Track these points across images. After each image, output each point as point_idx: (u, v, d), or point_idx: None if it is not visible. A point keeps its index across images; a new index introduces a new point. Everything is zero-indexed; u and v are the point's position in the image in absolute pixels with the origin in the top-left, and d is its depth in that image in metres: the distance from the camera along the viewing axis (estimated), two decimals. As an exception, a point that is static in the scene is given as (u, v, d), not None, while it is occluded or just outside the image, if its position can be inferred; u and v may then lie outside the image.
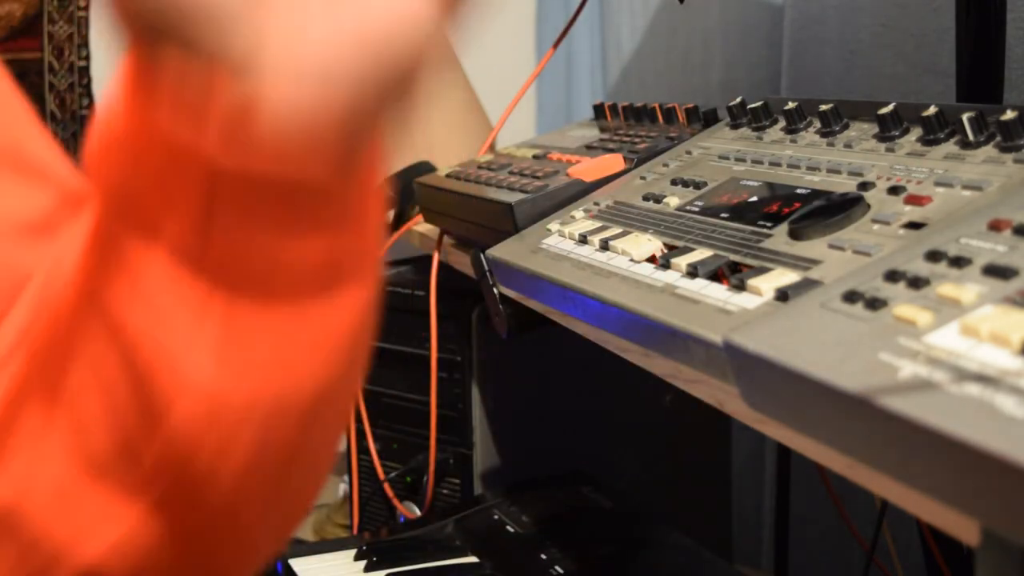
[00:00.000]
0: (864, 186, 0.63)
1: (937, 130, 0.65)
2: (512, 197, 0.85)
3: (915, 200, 0.58)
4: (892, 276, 0.48)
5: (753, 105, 0.82)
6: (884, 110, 0.69)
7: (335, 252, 0.43)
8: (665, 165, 0.83)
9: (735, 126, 0.85)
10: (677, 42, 1.60)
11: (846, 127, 0.74)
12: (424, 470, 1.15)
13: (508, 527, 1.03)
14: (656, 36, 1.66)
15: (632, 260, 0.67)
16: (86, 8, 1.89)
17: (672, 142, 0.89)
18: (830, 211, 0.60)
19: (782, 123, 0.80)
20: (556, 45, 1.08)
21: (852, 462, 0.43)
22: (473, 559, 0.99)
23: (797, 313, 0.50)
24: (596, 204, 0.81)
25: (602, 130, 1.05)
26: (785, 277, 0.55)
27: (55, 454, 0.47)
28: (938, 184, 0.59)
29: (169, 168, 0.41)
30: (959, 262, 0.47)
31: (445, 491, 1.17)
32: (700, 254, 0.63)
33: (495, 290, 0.83)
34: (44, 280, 0.48)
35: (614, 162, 0.88)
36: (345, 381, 0.48)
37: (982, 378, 0.38)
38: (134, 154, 0.41)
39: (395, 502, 1.19)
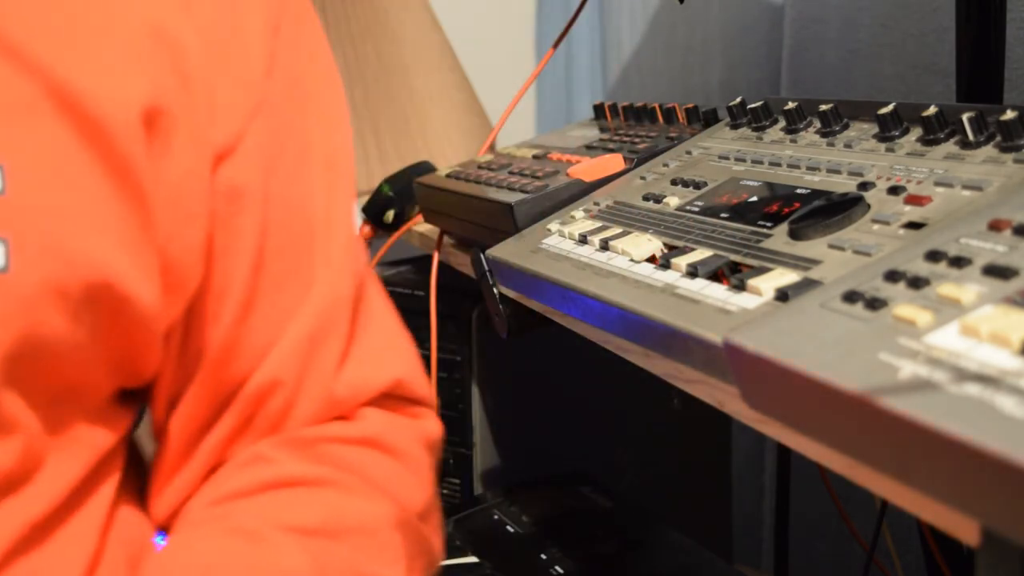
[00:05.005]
0: (864, 186, 0.63)
1: (937, 130, 0.65)
2: (512, 197, 0.85)
3: (915, 200, 0.58)
4: (892, 276, 0.48)
5: (753, 105, 0.82)
6: (884, 110, 0.69)
7: None
8: (665, 165, 0.83)
9: (735, 126, 0.85)
10: (677, 42, 1.60)
11: (846, 127, 0.74)
12: (424, 470, 1.15)
13: (508, 527, 1.03)
14: (656, 36, 1.66)
15: (632, 260, 0.67)
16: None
17: (672, 142, 0.89)
18: (830, 211, 0.60)
19: (782, 123, 0.80)
20: (556, 45, 1.08)
21: (852, 462, 0.43)
22: (473, 559, 0.99)
23: (797, 313, 0.50)
24: (596, 204, 0.81)
25: (602, 130, 1.05)
26: (785, 277, 0.55)
27: None
28: (938, 184, 0.59)
29: None
30: (959, 262, 0.47)
31: (445, 491, 1.17)
32: (700, 254, 0.63)
33: (495, 290, 0.83)
34: None
35: (614, 162, 0.88)
36: None
37: (982, 378, 0.38)
38: None
39: (395, 502, 1.18)
